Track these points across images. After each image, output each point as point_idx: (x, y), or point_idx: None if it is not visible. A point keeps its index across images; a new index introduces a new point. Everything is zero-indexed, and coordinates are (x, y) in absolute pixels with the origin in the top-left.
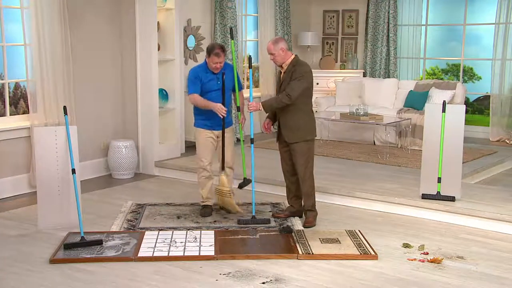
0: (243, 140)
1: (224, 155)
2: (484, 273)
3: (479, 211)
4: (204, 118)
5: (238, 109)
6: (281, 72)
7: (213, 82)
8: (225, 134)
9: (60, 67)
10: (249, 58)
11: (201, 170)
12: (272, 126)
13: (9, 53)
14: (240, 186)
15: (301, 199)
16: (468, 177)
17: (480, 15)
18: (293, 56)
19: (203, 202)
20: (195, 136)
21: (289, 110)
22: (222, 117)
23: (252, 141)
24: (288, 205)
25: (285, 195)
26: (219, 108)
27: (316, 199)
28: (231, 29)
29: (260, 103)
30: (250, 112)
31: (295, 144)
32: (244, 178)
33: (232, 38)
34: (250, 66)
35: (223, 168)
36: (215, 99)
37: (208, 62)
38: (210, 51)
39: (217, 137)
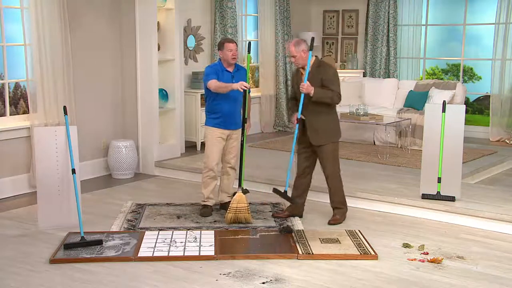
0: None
1: (241, 172)
2: (484, 273)
3: (479, 211)
4: (217, 116)
5: (245, 120)
6: (299, 73)
7: (228, 79)
8: (233, 135)
9: (60, 67)
10: (248, 44)
11: (207, 169)
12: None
13: (9, 53)
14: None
15: (304, 199)
16: (468, 177)
17: (480, 15)
18: (314, 57)
19: (204, 201)
20: (205, 135)
21: (315, 113)
22: (242, 90)
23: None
24: (288, 205)
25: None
26: (240, 84)
27: (316, 199)
28: (249, 43)
29: (313, 88)
30: (302, 93)
31: (323, 146)
32: (243, 189)
33: (249, 52)
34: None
35: (239, 184)
36: (230, 95)
37: (224, 53)
38: (222, 41)
39: (228, 136)
